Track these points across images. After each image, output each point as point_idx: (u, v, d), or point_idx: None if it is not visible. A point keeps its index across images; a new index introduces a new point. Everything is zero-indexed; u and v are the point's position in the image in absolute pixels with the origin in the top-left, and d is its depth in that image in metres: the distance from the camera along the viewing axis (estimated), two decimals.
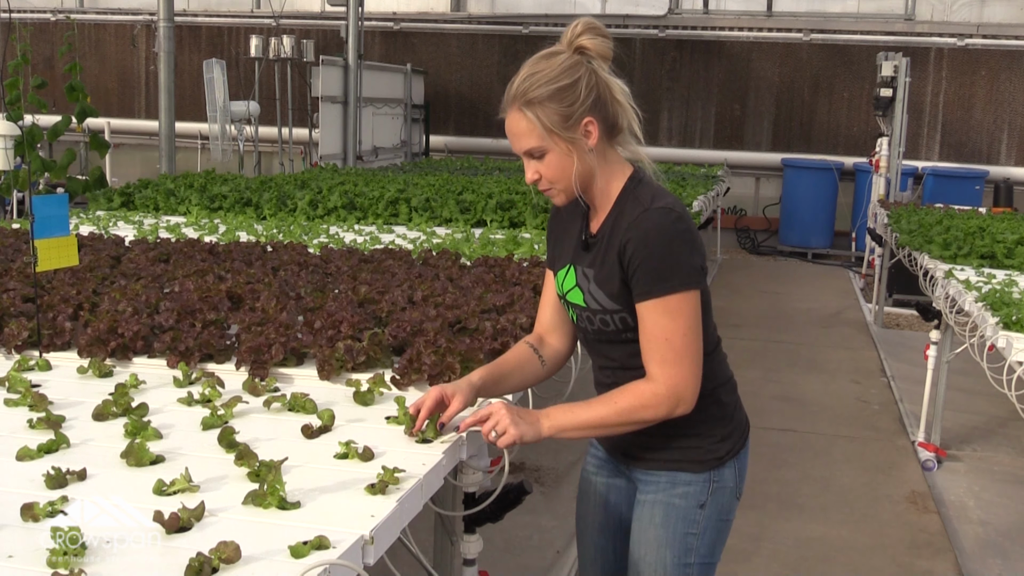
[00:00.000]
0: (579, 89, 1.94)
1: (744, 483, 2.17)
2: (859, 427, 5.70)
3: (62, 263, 2.53)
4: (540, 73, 1.95)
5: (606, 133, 2.00)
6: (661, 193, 2.01)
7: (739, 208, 12.90)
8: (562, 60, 1.96)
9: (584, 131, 1.96)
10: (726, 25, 12.92)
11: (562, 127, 1.95)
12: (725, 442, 2.11)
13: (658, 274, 1.93)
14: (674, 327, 1.93)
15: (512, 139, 2.01)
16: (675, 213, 1.95)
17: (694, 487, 2.09)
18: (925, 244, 5.59)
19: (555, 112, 1.94)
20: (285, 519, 1.60)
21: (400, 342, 2.59)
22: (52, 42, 13.46)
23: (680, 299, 1.93)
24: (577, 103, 1.94)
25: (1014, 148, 12.26)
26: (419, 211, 5.81)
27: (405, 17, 13.78)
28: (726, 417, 2.13)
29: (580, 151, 1.97)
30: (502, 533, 3.99)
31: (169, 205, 6.01)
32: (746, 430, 2.20)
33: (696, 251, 1.96)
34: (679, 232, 1.94)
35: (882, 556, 4.04)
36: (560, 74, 1.94)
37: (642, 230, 1.93)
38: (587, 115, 1.95)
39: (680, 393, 1.95)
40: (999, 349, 3.68)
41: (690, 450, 2.09)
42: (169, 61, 8.48)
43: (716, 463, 2.10)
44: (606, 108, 1.98)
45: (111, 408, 2.11)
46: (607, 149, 2.02)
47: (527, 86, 1.95)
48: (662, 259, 1.93)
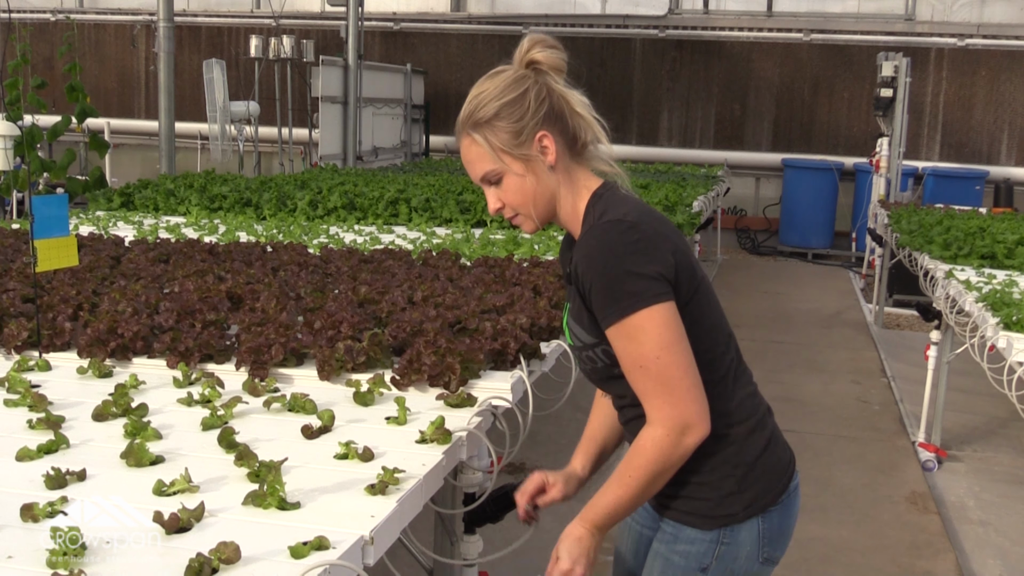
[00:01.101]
0: (527, 101, 1.78)
1: (779, 548, 1.86)
2: (859, 427, 5.70)
3: (62, 263, 2.53)
4: (484, 92, 1.81)
5: (567, 148, 1.82)
6: (618, 204, 1.79)
7: (739, 208, 12.90)
8: (507, 75, 1.81)
9: (539, 147, 1.79)
10: (726, 25, 12.92)
11: (513, 145, 1.79)
12: (741, 495, 1.79)
13: (609, 295, 1.69)
14: (642, 351, 1.68)
15: (468, 168, 1.86)
16: (625, 223, 1.72)
17: (697, 547, 1.81)
18: (925, 244, 5.59)
19: (503, 130, 1.78)
20: (285, 519, 1.59)
21: (400, 342, 2.59)
22: (52, 42, 13.46)
23: (641, 319, 1.67)
24: (526, 116, 1.78)
25: (1014, 148, 12.26)
26: (419, 211, 5.81)
27: (405, 17, 13.78)
28: (745, 464, 1.80)
29: (538, 170, 1.80)
30: (502, 533, 3.98)
31: (169, 205, 6.01)
32: (782, 479, 1.85)
33: (655, 259, 1.70)
34: (627, 244, 1.69)
35: (882, 556, 4.04)
36: (505, 89, 1.79)
37: (585, 250, 1.73)
38: (539, 128, 1.79)
39: (681, 423, 1.68)
40: (999, 349, 3.68)
41: (696, 501, 1.81)
42: (169, 61, 8.48)
43: (727, 520, 1.79)
44: (563, 121, 1.81)
45: (111, 408, 2.11)
46: (571, 166, 1.84)
47: (473, 107, 1.81)
48: (610, 278, 1.69)
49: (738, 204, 12.83)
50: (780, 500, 1.84)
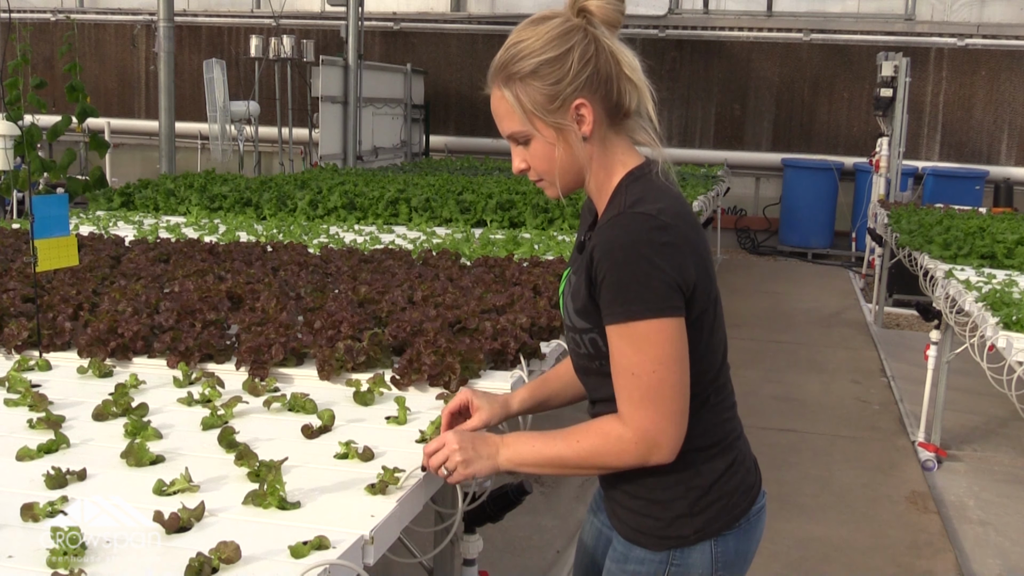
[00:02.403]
0: (569, 62, 1.59)
1: (737, 571, 1.75)
2: (859, 427, 5.70)
3: (62, 263, 2.53)
4: (524, 43, 1.62)
5: (607, 116, 1.65)
6: (655, 193, 1.63)
7: (739, 208, 12.90)
8: (553, 25, 1.62)
9: (575, 115, 1.62)
10: (726, 25, 12.92)
11: (546, 110, 1.61)
12: (692, 519, 1.68)
13: (622, 294, 1.56)
14: (640, 360, 1.57)
15: (497, 121, 1.69)
16: (657, 220, 1.57)
17: (646, 567, 1.71)
18: (925, 244, 5.59)
19: (538, 91, 1.61)
20: (285, 519, 1.59)
21: (400, 342, 2.59)
22: (52, 42, 13.46)
23: (648, 327, 1.55)
24: (565, 80, 1.60)
25: (1014, 148, 12.26)
26: (419, 211, 5.80)
27: (405, 17, 13.78)
28: (700, 487, 1.69)
29: (569, 139, 1.63)
30: (502, 533, 3.99)
31: (169, 205, 6.01)
32: (740, 504, 1.73)
33: (679, 268, 1.57)
34: (654, 244, 1.55)
35: (882, 556, 4.04)
36: (547, 44, 1.60)
37: (608, 238, 1.58)
38: (578, 95, 1.61)
39: (653, 438, 1.59)
40: (999, 349, 3.68)
41: (646, 519, 1.71)
42: (169, 61, 8.48)
43: (677, 542, 1.69)
44: (608, 85, 1.63)
45: (111, 408, 2.11)
46: (609, 136, 1.67)
47: (507, 58, 1.63)
48: (628, 276, 1.55)
49: (738, 204, 12.83)
50: (738, 524, 1.72)
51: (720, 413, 1.74)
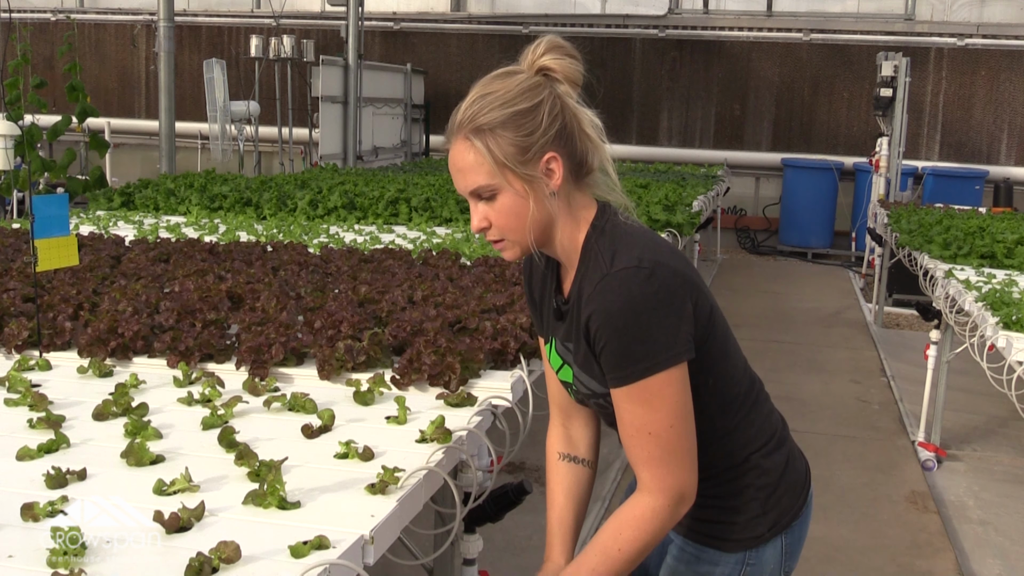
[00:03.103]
0: (540, 115, 1.59)
1: (796, 559, 1.82)
2: (859, 427, 5.70)
3: (62, 263, 2.53)
4: (494, 94, 1.60)
5: (572, 173, 1.64)
6: (626, 240, 1.62)
7: (739, 208, 12.90)
8: (521, 80, 1.62)
9: (545, 169, 1.61)
10: (726, 25, 12.92)
11: (518, 161, 1.59)
12: (768, 515, 1.74)
13: (628, 355, 1.55)
14: (656, 418, 1.57)
15: (456, 176, 1.64)
16: (644, 270, 1.55)
17: (720, 568, 1.75)
18: (925, 244, 5.59)
19: (510, 143, 1.59)
20: (285, 519, 1.60)
21: (400, 342, 2.59)
22: (52, 42, 13.46)
23: (660, 382, 1.55)
24: (538, 132, 1.59)
25: (1014, 148, 12.26)
26: (419, 211, 5.81)
27: (405, 17, 13.78)
28: (769, 485, 1.74)
29: (539, 194, 1.61)
30: (502, 533, 3.99)
31: (169, 205, 6.01)
32: (801, 493, 1.80)
33: (676, 312, 1.56)
34: (647, 297, 1.54)
35: (882, 556, 4.04)
36: (518, 95, 1.60)
37: (603, 303, 1.56)
38: (549, 148, 1.60)
39: (681, 494, 1.60)
40: (999, 349, 3.68)
41: (720, 525, 1.74)
42: (169, 61, 8.48)
43: (754, 542, 1.74)
44: (572, 142, 1.63)
45: (111, 408, 2.11)
46: (572, 192, 1.66)
47: (476, 109, 1.60)
48: (630, 338, 1.54)
49: (738, 204, 12.83)
50: (800, 514, 1.81)
51: (763, 405, 1.79)
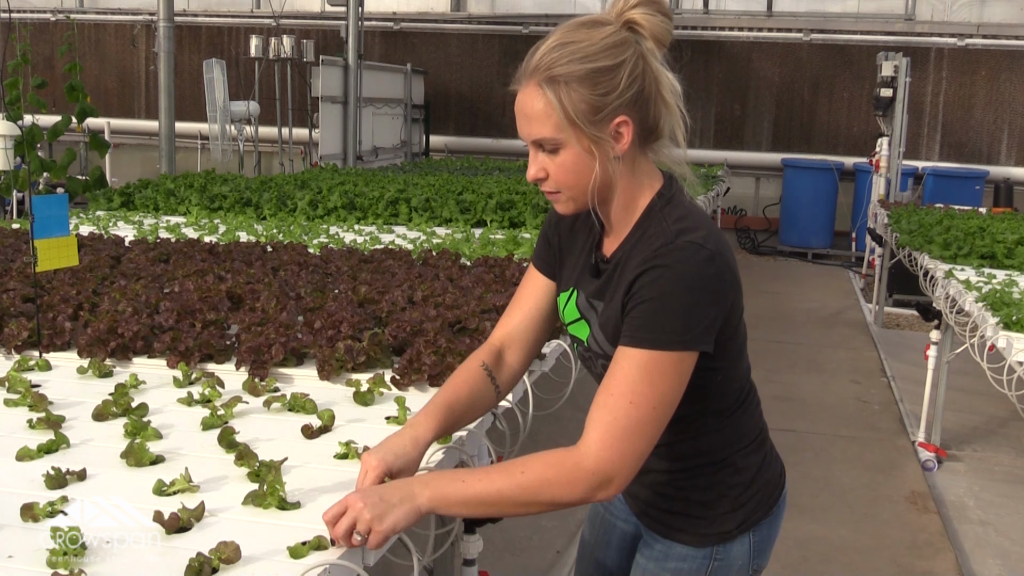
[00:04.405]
0: (620, 76, 1.52)
1: (766, 557, 1.81)
2: (859, 427, 5.70)
3: (62, 263, 2.53)
4: (576, 45, 1.53)
5: (641, 138, 1.59)
6: (693, 217, 1.58)
7: (739, 208, 12.90)
8: (607, 33, 1.54)
9: (614, 132, 1.55)
10: (726, 25, 12.92)
11: (589, 120, 1.52)
12: (736, 513, 1.73)
13: (660, 322, 1.50)
14: (646, 392, 1.49)
15: (522, 121, 1.57)
16: (706, 250, 1.51)
17: (688, 563, 1.74)
18: (925, 244, 5.59)
19: (584, 99, 1.51)
20: (285, 519, 1.59)
21: (400, 342, 2.59)
22: (52, 42, 13.46)
23: (672, 360, 1.50)
24: (614, 93, 1.52)
25: (1014, 148, 12.26)
26: (419, 211, 5.81)
27: (405, 17, 13.78)
28: (741, 484, 1.74)
29: (604, 155, 1.55)
30: (502, 533, 3.99)
31: (169, 205, 6.01)
32: (773, 493, 1.80)
33: (718, 303, 1.53)
34: (704, 277, 1.51)
35: (882, 556, 4.04)
36: (603, 51, 1.52)
37: (662, 268, 1.50)
38: (622, 112, 1.54)
39: (609, 475, 1.48)
40: (999, 349, 3.68)
41: (690, 519, 1.74)
42: (169, 61, 8.48)
43: (721, 538, 1.73)
44: (647, 107, 1.56)
45: (111, 408, 2.11)
46: (638, 157, 1.60)
47: (555, 57, 1.52)
48: (671, 306, 1.50)
49: (738, 204, 12.83)
50: (771, 513, 1.79)
51: (752, 410, 1.79)
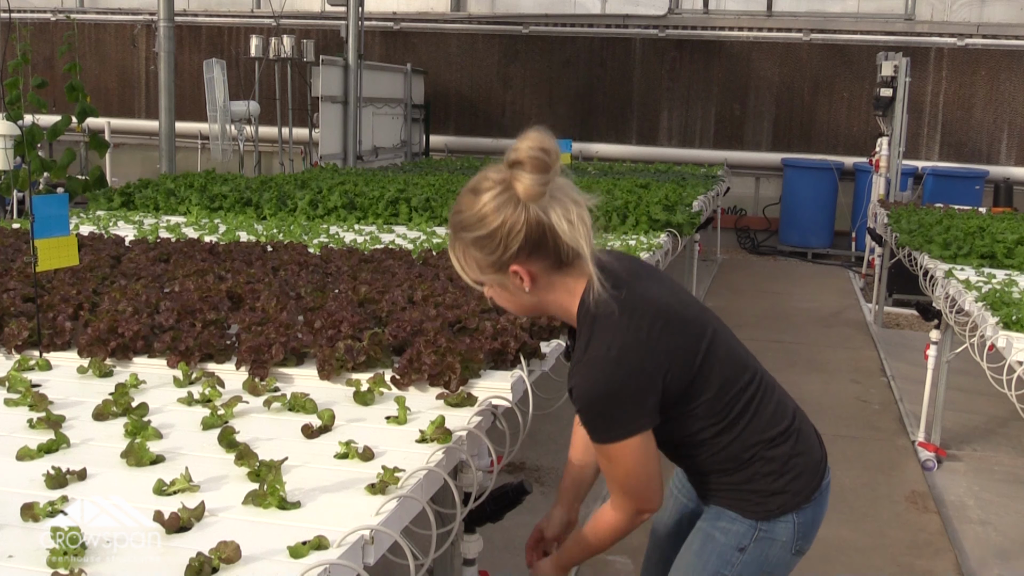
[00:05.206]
0: (498, 239, 1.74)
1: (809, 540, 1.99)
2: (859, 427, 5.70)
3: (62, 263, 2.53)
4: (461, 215, 1.78)
5: (550, 267, 1.79)
6: (601, 324, 1.78)
7: (739, 208, 12.90)
8: (483, 203, 1.74)
9: (514, 276, 1.79)
10: (726, 25, 12.92)
11: (487, 272, 1.80)
12: (775, 497, 1.93)
13: (594, 426, 1.82)
14: (615, 470, 1.85)
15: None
16: (611, 360, 1.75)
17: (737, 527, 1.95)
18: (925, 244, 5.59)
19: (476, 259, 1.79)
20: (285, 519, 1.60)
21: (400, 342, 2.59)
22: (52, 42, 13.45)
23: (617, 448, 1.81)
24: (497, 253, 1.76)
25: (1014, 148, 12.25)
26: (419, 211, 5.81)
27: (405, 17, 13.78)
28: (773, 473, 1.92)
29: (517, 290, 1.82)
30: (502, 533, 3.98)
31: (169, 205, 6.01)
32: (812, 481, 1.97)
33: (644, 390, 1.77)
34: (619, 381, 1.75)
35: (882, 556, 4.04)
36: (480, 220, 1.74)
37: (576, 384, 1.79)
38: (512, 263, 1.77)
39: (638, 508, 1.92)
40: (999, 349, 3.68)
41: (736, 500, 1.96)
42: (169, 61, 8.48)
43: (765, 515, 1.93)
44: (542, 247, 1.76)
45: (111, 408, 2.11)
46: (555, 277, 1.81)
47: (453, 222, 1.81)
48: (596, 413, 1.79)
49: (738, 204, 12.83)
50: (813, 498, 1.96)
51: (767, 408, 1.93)
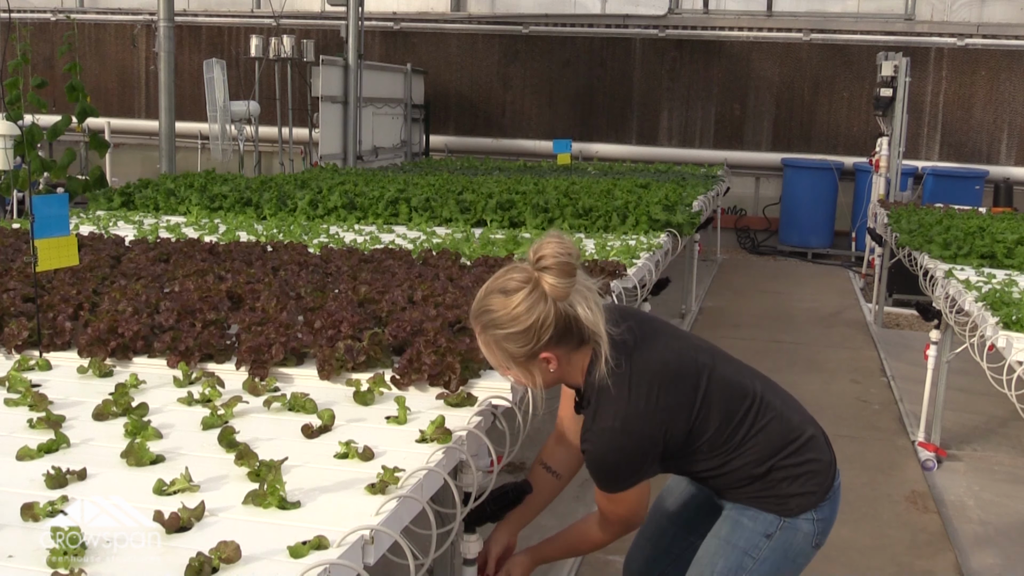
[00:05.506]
0: (531, 333, 1.92)
1: (827, 535, 2.18)
2: (859, 427, 5.70)
3: (62, 263, 2.53)
4: (495, 314, 1.93)
5: (572, 348, 1.99)
6: (607, 397, 1.98)
7: (739, 208, 12.89)
8: (519, 300, 1.92)
9: (543, 361, 1.98)
10: (726, 25, 12.91)
11: (519, 362, 1.97)
12: (794, 498, 2.12)
13: (600, 480, 2.07)
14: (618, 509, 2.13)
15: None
16: (616, 431, 1.97)
17: (762, 518, 2.13)
18: (925, 244, 5.59)
19: (507, 352, 1.96)
20: (285, 519, 1.60)
21: (400, 342, 2.59)
22: (52, 42, 13.45)
23: (620, 496, 2.07)
24: (531, 343, 1.94)
25: (1014, 148, 12.25)
26: (419, 211, 5.80)
27: (405, 17, 13.77)
28: (789, 478, 2.12)
29: (542, 372, 2.00)
30: None
31: (169, 205, 6.01)
32: (825, 481, 2.16)
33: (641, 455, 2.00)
34: (627, 450, 1.99)
35: (882, 556, 4.04)
36: (514, 319, 1.92)
37: (586, 450, 2.02)
38: (543, 350, 1.96)
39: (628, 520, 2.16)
40: (999, 349, 3.68)
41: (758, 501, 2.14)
42: (169, 61, 8.48)
43: (787, 512, 2.12)
44: (569, 335, 1.96)
45: (111, 408, 2.11)
46: (573, 354, 2.01)
47: (486, 320, 1.95)
48: (604, 473, 2.05)
49: (738, 204, 12.82)
50: (827, 496, 2.15)
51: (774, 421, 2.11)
